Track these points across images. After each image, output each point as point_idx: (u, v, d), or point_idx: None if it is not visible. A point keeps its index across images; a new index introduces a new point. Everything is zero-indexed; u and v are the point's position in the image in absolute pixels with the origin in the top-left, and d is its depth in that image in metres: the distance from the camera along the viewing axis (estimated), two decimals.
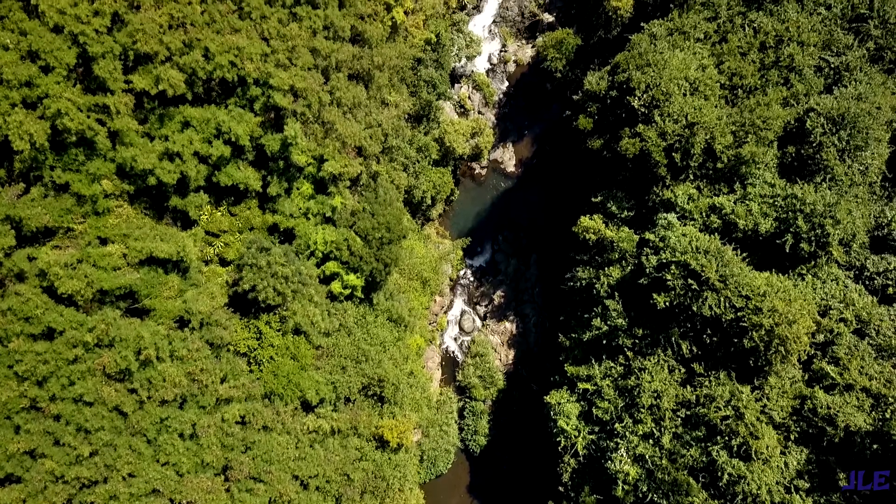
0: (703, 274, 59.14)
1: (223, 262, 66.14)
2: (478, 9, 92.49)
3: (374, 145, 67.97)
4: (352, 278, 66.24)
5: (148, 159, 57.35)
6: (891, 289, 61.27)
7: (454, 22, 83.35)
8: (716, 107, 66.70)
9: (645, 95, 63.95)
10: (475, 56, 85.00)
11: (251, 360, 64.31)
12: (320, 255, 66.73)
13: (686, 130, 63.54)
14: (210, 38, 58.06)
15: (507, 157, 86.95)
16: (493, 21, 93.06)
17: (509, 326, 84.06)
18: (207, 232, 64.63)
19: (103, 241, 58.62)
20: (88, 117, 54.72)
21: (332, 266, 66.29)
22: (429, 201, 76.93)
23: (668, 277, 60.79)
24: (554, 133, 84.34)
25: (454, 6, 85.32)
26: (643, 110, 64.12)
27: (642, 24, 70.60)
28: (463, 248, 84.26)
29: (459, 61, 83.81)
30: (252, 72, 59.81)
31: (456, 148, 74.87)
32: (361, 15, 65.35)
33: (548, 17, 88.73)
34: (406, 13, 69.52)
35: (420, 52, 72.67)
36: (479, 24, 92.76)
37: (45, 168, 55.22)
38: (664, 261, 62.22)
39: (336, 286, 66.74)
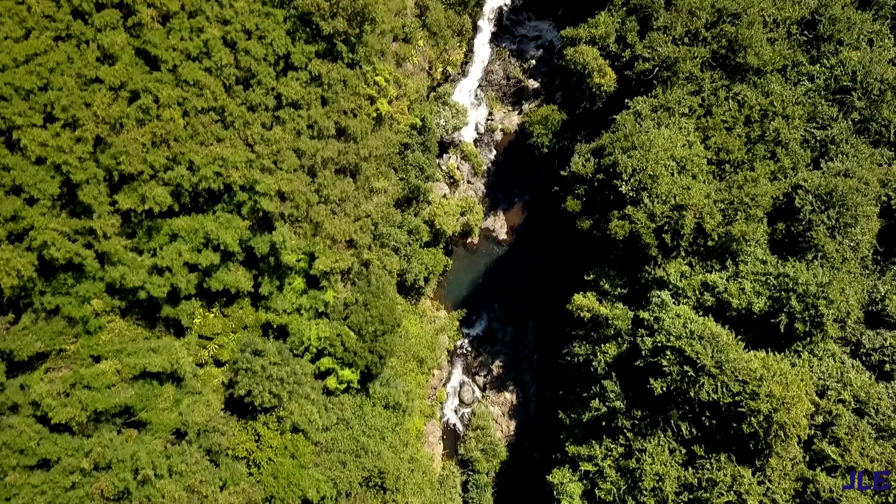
0: (698, 361, 59.01)
1: (218, 363, 66.00)
2: (463, 73, 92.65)
3: (364, 237, 67.98)
4: (347, 373, 66.09)
5: (137, 276, 57.32)
6: (888, 365, 61.02)
7: (439, 95, 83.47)
8: (704, 182, 66.64)
9: (632, 180, 63.88)
10: (462, 127, 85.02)
11: (250, 463, 64.02)
12: (314, 350, 66.56)
13: (675, 213, 63.43)
14: (194, 151, 58.16)
15: (499, 226, 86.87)
16: (479, 86, 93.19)
17: (509, 397, 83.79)
18: (201, 336, 64.54)
19: (96, 359, 58.55)
20: (75, 242, 54.83)
21: (326, 362, 66.13)
22: (421, 282, 76.85)
23: (664, 363, 60.64)
24: (544, 200, 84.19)
25: (439, 78, 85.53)
26: (631, 194, 64.02)
27: (626, 100, 70.57)
28: (459, 319, 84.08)
29: (447, 133, 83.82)
30: (238, 179, 59.86)
31: (446, 230, 74.82)
32: (345, 111, 65.36)
33: (533, 84, 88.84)
34: (390, 101, 69.56)
35: (406, 138, 72.74)
36: (464, 90, 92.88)
37: (35, 294, 55.20)
38: (659, 344, 62.06)
39: (332, 382, 66.59)
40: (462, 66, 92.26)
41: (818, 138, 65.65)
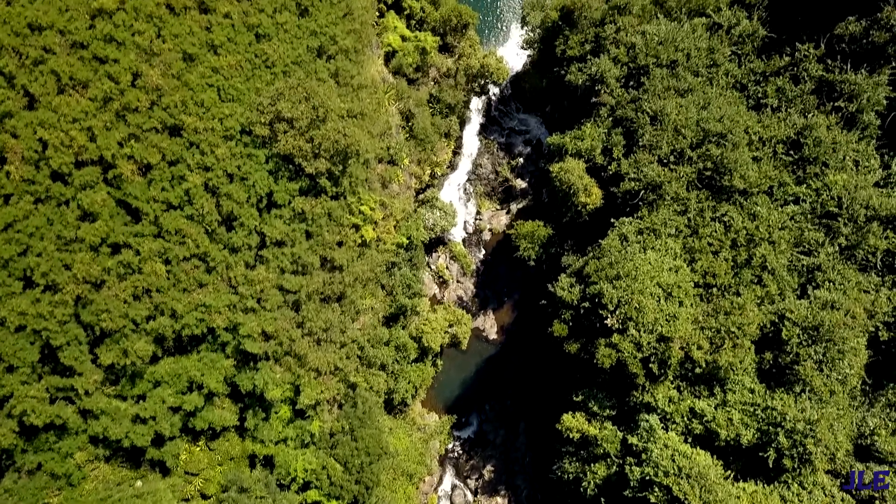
0: (686, 501, 58.61)
1: (204, 496, 65.56)
2: (452, 167, 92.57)
3: (350, 363, 67.67)
4: None
5: (120, 428, 57.14)
6: (877, 502, 60.45)
7: (427, 199, 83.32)
8: (691, 305, 66.30)
9: (618, 311, 63.54)
10: (451, 228, 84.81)
11: None
12: (301, 481, 66.15)
13: (661, 344, 63.07)
14: (176, 299, 57.97)
15: (489, 325, 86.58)
16: (468, 179, 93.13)
17: (501, 501, 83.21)
18: (187, 472, 64.19)
19: None
20: (55, 402, 54.67)
21: (313, 495, 65.74)
22: (409, 399, 76.55)
23: (652, 499, 60.32)
24: (533, 301, 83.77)
25: (426, 180, 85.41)
26: (617, 325, 63.68)
27: (612, 219, 70.29)
28: (450, 425, 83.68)
29: (435, 235, 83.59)
30: (221, 323, 59.68)
31: (433, 347, 74.55)
32: (330, 244, 65.13)
33: (520, 184, 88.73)
34: (375, 223, 69.39)
35: (393, 257, 72.51)
36: (453, 183, 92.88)
37: (17, 453, 55.07)
38: (647, 477, 61.73)
39: None
40: (452, 157, 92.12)
41: (805, 265, 65.27)
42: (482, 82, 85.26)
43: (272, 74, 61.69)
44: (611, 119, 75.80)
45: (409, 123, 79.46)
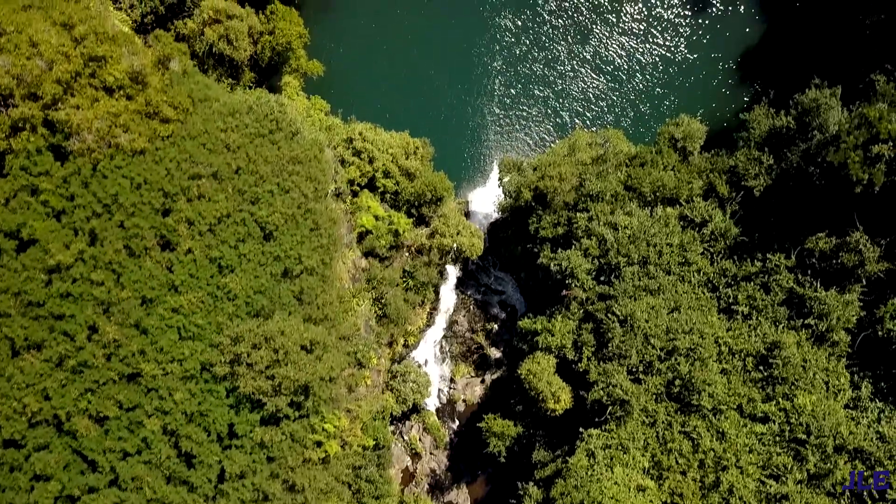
0: None
1: None
2: (428, 324, 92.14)
3: None
4: None
5: None
6: None
7: (399, 371, 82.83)
8: None
9: None
10: (424, 399, 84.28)
11: None
12: None
13: None
14: None
15: (462, 500, 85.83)
16: (444, 336, 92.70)
17: None
18: None
19: None
20: None
21: None
22: None
23: None
24: (506, 478, 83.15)
25: (400, 351, 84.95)
26: None
27: (581, 429, 69.70)
28: None
29: (408, 408, 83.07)
30: None
31: None
32: (293, 467, 64.52)
33: (495, 353, 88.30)
34: (340, 433, 68.76)
35: (360, 459, 71.87)
36: (430, 339, 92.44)
37: None
38: None
39: None
40: (428, 315, 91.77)
41: (773, 492, 64.53)
42: (456, 256, 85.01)
43: (234, 306, 61.30)
44: (582, 311, 75.36)
45: (382, 301, 79.09)
